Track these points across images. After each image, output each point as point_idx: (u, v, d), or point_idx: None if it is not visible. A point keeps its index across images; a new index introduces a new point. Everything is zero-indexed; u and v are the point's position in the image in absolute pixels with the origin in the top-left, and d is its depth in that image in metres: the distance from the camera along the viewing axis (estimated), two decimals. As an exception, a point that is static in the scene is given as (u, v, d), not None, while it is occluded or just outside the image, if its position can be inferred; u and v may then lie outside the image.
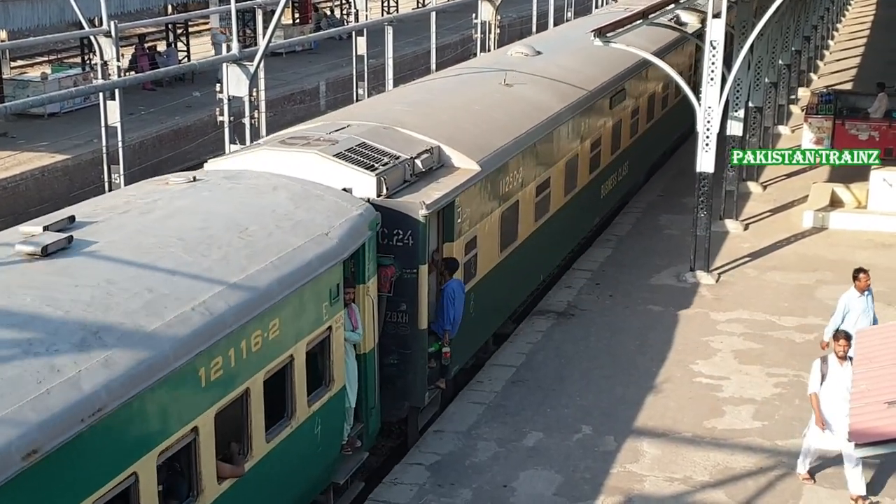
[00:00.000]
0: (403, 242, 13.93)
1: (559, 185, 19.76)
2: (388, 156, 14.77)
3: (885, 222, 23.88)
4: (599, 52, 23.00)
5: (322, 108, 37.81)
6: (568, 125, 20.02)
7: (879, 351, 10.97)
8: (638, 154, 26.05)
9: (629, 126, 24.73)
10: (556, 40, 25.82)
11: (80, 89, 26.54)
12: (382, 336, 13.87)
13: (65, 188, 27.84)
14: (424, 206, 13.87)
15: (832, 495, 13.42)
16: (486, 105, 18.58)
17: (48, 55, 43.82)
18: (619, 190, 24.67)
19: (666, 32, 26.75)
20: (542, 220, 18.95)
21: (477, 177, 15.75)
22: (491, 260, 16.66)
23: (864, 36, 54.26)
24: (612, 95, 22.97)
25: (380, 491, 13.49)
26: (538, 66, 21.76)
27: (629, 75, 24.33)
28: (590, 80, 22.11)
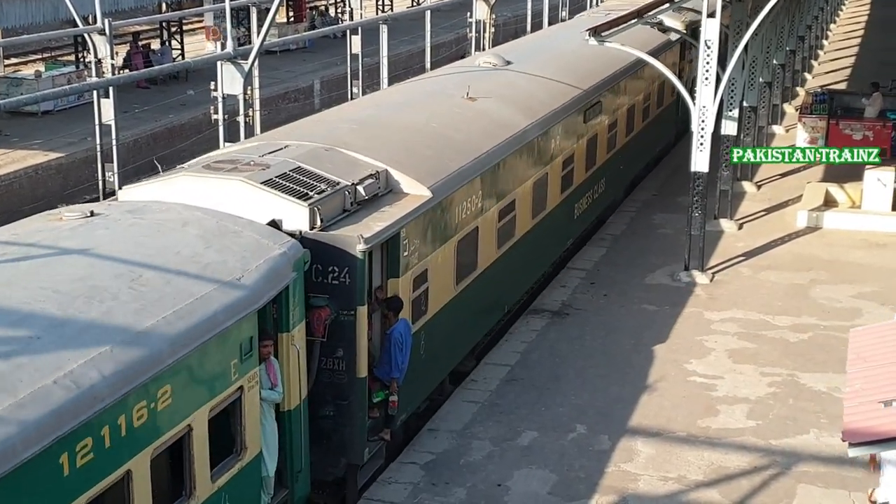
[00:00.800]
0: (339, 281, 12.44)
1: (526, 207, 18.28)
2: (325, 182, 13.28)
3: (879, 222, 23.91)
4: (574, 62, 22.41)
5: (316, 107, 37.79)
6: (536, 142, 18.54)
7: (873, 350, 10.99)
8: (616, 169, 24.56)
9: (606, 140, 23.20)
10: (529, 49, 24.21)
11: (74, 87, 26.52)
12: (316, 385, 12.55)
13: (59, 186, 27.82)
14: (362, 241, 12.39)
15: (825, 494, 13.44)
16: (445, 122, 17.00)
17: (42, 53, 43.76)
18: (595, 208, 23.11)
19: (647, 39, 25.60)
20: (506, 246, 17.48)
21: (428, 204, 14.20)
22: (445, 294, 15.13)
23: (858, 36, 54.34)
24: (587, 108, 21.43)
25: (374, 490, 13.48)
26: (506, 78, 20.31)
27: (606, 86, 22.90)
28: (562, 93, 20.59)
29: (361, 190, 13.62)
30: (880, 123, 30.21)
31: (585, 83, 21.75)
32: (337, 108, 18.73)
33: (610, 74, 23.33)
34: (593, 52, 22.86)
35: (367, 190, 13.70)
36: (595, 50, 22.85)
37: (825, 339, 18.16)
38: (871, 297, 20.14)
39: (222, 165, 13.36)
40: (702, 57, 20.40)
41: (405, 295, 13.64)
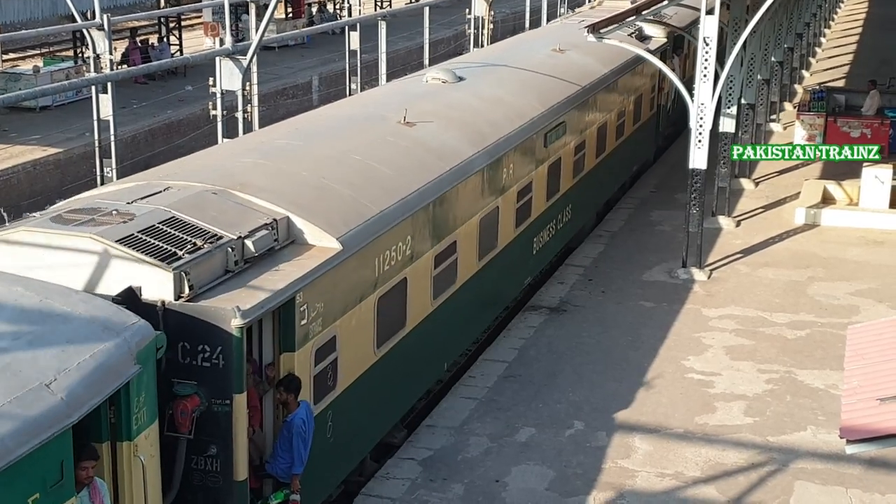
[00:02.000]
0: (211, 363, 10.13)
1: (470, 249, 16.05)
2: (203, 236, 10.92)
3: (876, 219, 23.94)
4: (536, 78, 20.68)
5: (315, 103, 37.78)
6: (484, 173, 16.31)
7: (871, 347, 11.00)
8: (585, 194, 22.30)
9: (572, 164, 20.96)
10: (487, 63, 21.61)
11: (72, 82, 26.51)
12: (186, 491, 10.34)
13: (56, 182, 27.81)
14: (239, 314, 10.05)
15: (823, 491, 13.46)
16: (372, 153, 14.58)
17: (40, 48, 43.70)
18: (560, 239, 20.92)
19: (626, 49, 23.74)
20: (446, 295, 15.22)
21: (337, 258, 11.91)
22: (361, 362, 12.80)
23: (856, 33, 54.36)
24: (549, 130, 19.22)
25: (372, 486, 13.50)
26: (455, 98, 17.95)
27: (572, 104, 20.65)
28: (519, 114, 18.46)
29: (251, 244, 11.24)
30: (878, 121, 30.26)
31: (548, 101, 19.64)
32: (248, 136, 16.30)
33: (578, 90, 21.17)
34: (560, 66, 21.85)
35: (258, 244, 11.32)
36: (562, 63, 21.98)
37: (823, 336, 18.19)
38: (868, 294, 20.16)
39: (77, 216, 10.90)
40: (700, 54, 20.41)
41: (303, 371, 11.33)
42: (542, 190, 19.30)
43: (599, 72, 22.75)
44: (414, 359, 14.37)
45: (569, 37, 24.27)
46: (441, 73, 19.24)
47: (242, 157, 13.63)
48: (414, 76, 20.48)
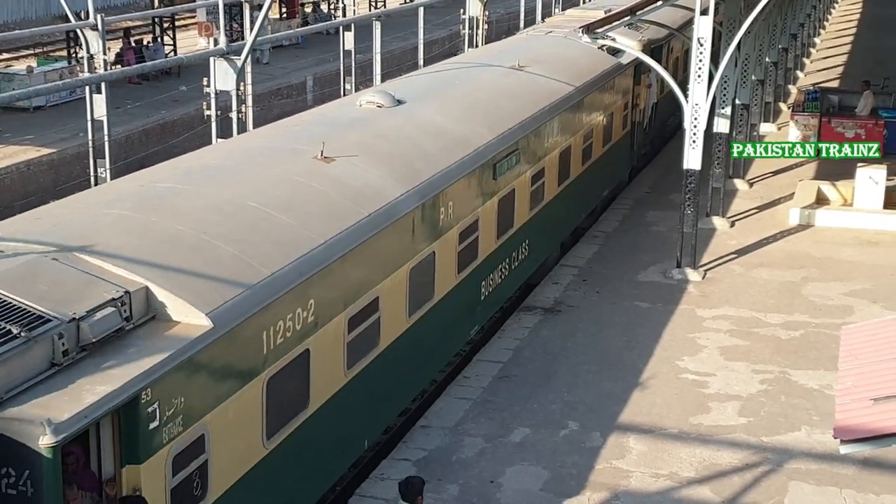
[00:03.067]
0: (18, 490, 8.13)
1: (396, 305, 13.64)
2: (23, 321, 8.68)
3: (870, 220, 23.96)
4: (489, 99, 18.57)
5: (309, 103, 37.76)
6: (414, 217, 13.97)
7: (865, 348, 11.00)
8: (546, 226, 20.14)
9: (529, 195, 18.79)
10: (433, 83, 19.30)
11: (66, 83, 26.49)
12: None
13: (50, 182, 27.78)
14: (50, 429, 7.93)
15: (817, 491, 13.47)
16: (273, 199, 12.19)
17: (34, 48, 43.63)
18: (515, 278, 18.79)
19: (596, 63, 23.27)
20: (364, 363, 12.80)
21: (205, 338, 9.63)
22: (244, 461, 10.54)
23: (850, 34, 54.44)
24: (499, 161, 16.98)
25: (366, 487, 13.48)
26: (389, 126, 15.71)
27: (530, 128, 18.53)
28: (463, 143, 16.26)
29: (88, 328, 8.93)
30: (872, 121, 30.30)
31: (500, 127, 17.52)
32: (130, 177, 13.23)
33: (536, 112, 19.02)
34: (518, 85, 19.94)
35: (98, 326, 9.01)
36: (520, 82, 20.14)
37: (817, 337, 18.20)
38: (862, 294, 20.19)
39: None
40: (695, 54, 20.42)
41: (155, 486, 9.11)
42: (492, 227, 17.03)
43: (563, 90, 20.65)
44: (322, 446, 12.06)
45: (532, 51, 22.68)
46: (377, 96, 16.90)
47: (109, 207, 11.15)
48: (347, 100, 18.31)
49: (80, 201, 11.88)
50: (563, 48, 23.54)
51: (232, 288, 10.29)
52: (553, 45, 23.75)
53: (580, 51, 23.33)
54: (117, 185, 13.05)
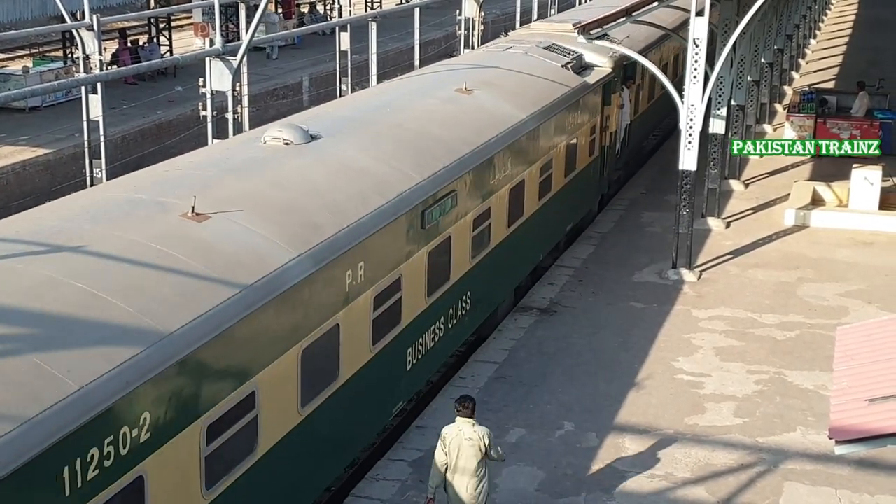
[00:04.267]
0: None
1: (281, 399, 11.04)
2: None
3: (865, 220, 23.99)
4: (422, 133, 15.96)
5: (305, 104, 37.76)
6: (305, 287, 11.33)
7: (860, 348, 11.02)
8: (493, 274, 17.55)
9: (469, 242, 16.22)
10: (361, 112, 16.58)
11: (62, 83, 26.46)
12: None
13: (46, 183, 27.77)
14: None
15: (812, 492, 13.49)
16: (105, 279, 9.59)
17: (30, 49, 43.61)
18: (452, 339, 16.26)
19: (559, 84, 20.99)
20: (232, 479, 10.19)
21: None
22: None
23: (845, 35, 54.51)
24: (429, 206, 14.44)
25: (362, 487, 13.48)
26: (293, 169, 13.20)
27: (469, 166, 15.92)
28: (382, 189, 13.73)
29: None
30: (867, 122, 30.35)
31: (432, 165, 15.09)
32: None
33: (481, 145, 16.63)
34: (462, 113, 17.45)
35: None
36: (465, 109, 17.67)
37: (812, 337, 18.23)
38: (857, 295, 20.22)
39: None
40: (690, 55, 20.44)
41: None
42: (419, 285, 14.50)
43: (515, 117, 18.30)
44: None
45: (486, 70, 20.36)
46: (286, 131, 14.23)
47: None
48: (253, 134, 15.19)
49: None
50: (522, 66, 21.13)
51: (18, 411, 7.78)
52: (510, 64, 21.17)
53: (541, 69, 21.38)
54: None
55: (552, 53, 22.74)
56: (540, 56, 22.33)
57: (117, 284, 9.56)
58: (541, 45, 23.18)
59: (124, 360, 8.72)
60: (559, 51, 23.05)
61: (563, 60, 22.45)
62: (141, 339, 9.02)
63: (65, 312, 8.96)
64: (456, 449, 11.56)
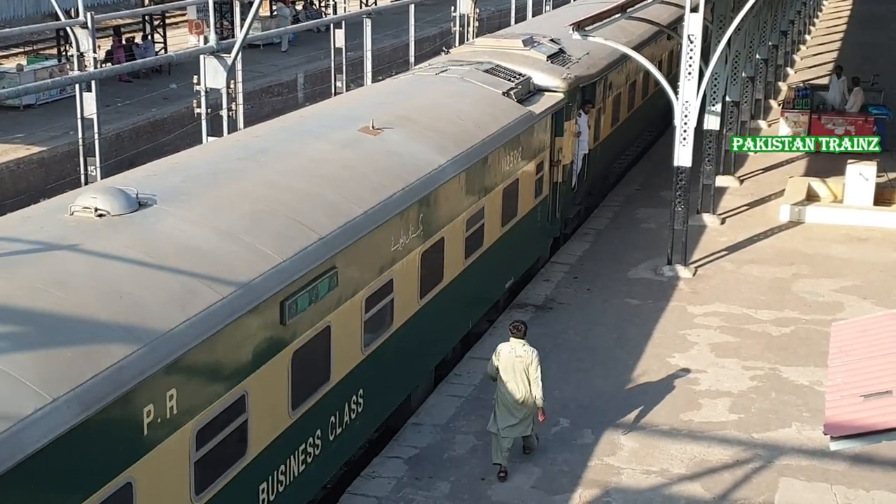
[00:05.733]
0: None
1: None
2: None
3: (860, 216, 24.02)
4: (298, 191, 12.55)
5: (300, 101, 37.73)
6: (79, 442, 8.21)
7: (855, 344, 11.04)
8: (398, 360, 14.19)
9: (360, 328, 12.84)
10: (221, 163, 13.02)
11: (56, 81, 26.45)
12: None
13: (41, 180, 27.73)
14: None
15: (807, 487, 13.51)
16: None
17: (24, 46, 43.52)
18: (339, 452, 12.87)
19: (495, 117, 17.88)
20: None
21: None
22: None
23: (840, 31, 54.55)
24: (292, 296, 11.04)
25: (357, 484, 13.48)
26: (90, 259, 9.74)
27: (361, 231, 12.63)
28: (226, 274, 10.43)
29: None
30: (862, 118, 30.37)
31: (303, 238, 11.64)
32: None
33: (378, 204, 13.27)
34: (362, 161, 14.09)
35: None
36: (368, 155, 14.30)
37: (807, 333, 18.25)
38: (852, 291, 20.24)
39: None
40: (685, 51, 20.44)
41: None
42: (277, 402, 11.11)
43: (432, 163, 15.04)
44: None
45: (405, 101, 17.21)
46: (103, 198, 10.62)
47: None
48: (58, 202, 11.28)
49: None
50: (452, 96, 17.97)
51: None
52: (438, 93, 18.04)
53: (475, 99, 18.09)
54: None
55: (493, 78, 19.38)
56: (477, 81, 18.89)
57: None
58: (481, 67, 19.78)
59: None
60: (502, 74, 19.79)
61: (504, 86, 19.09)
62: None
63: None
64: (507, 364, 13.50)
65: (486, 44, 22.55)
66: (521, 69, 20.45)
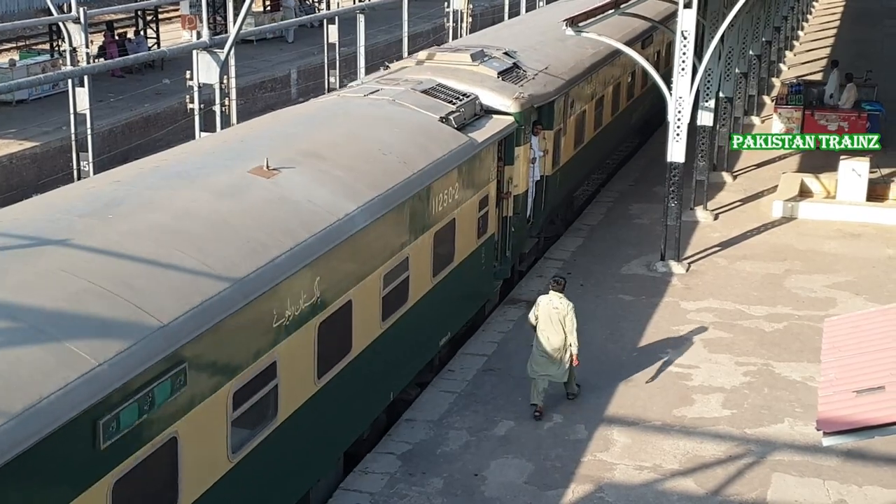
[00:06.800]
0: None
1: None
2: None
3: (853, 212, 24.04)
4: (136, 265, 9.77)
5: (293, 96, 37.69)
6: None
7: (848, 340, 11.05)
8: (280, 460, 11.37)
9: (225, 432, 10.19)
10: (49, 221, 10.30)
11: (48, 76, 26.36)
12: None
13: (33, 176, 27.67)
14: None
15: (800, 483, 13.53)
16: None
17: (17, 41, 43.42)
18: None
19: (427, 149, 15.30)
20: None
21: None
22: None
23: (833, 27, 54.58)
24: (113, 414, 8.55)
25: (351, 480, 13.48)
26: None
27: (227, 308, 10.02)
28: (45, 378, 8.12)
29: None
30: (855, 114, 30.41)
31: (133, 331, 9.01)
32: None
33: (260, 268, 10.67)
34: (245, 213, 11.44)
35: None
36: (249, 205, 11.58)
37: (800, 329, 18.27)
38: (845, 286, 20.27)
39: None
40: (678, 47, 20.44)
41: None
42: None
43: (338, 211, 12.34)
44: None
45: (313, 136, 14.29)
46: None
47: None
48: None
49: None
50: (377, 124, 15.38)
51: None
52: (361, 119, 15.44)
53: (405, 126, 15.56)
54: None
55: (431, 99, 16.92)
56: (411, 104, 16.40)
57: None
58: (420, 86, 17.35)
59: None
60: (443, 94, 17.32)
61: (443, 110, 16.60)
62: None
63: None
64: (545, 315, 15.05)
65: (430, 58, 19.81)
66: (466, 88, 18.13)
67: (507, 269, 19.34)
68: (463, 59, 19.50)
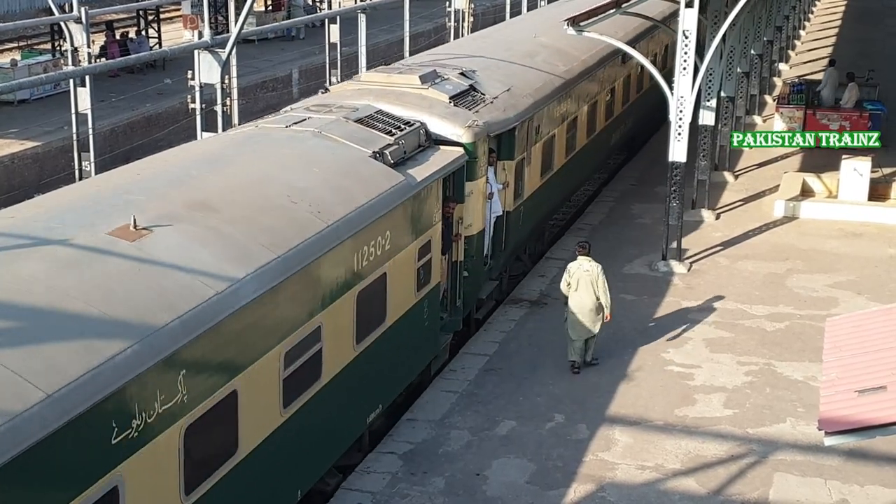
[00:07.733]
0: None
1: None
2: None
3: (855, 211, 24.03)
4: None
5: (295, 96, 37.69)
6: None
7: (849, 340, 11.04)
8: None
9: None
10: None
11: (50, 76, 26.39)
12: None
13: (35, 175, 27.69)
14: None
15: (801, 482, 13.52)
16: None
17: (18, 41, 43.45)
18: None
19: (354, 192, 13.03)
20: None
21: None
22: None
23: (835, 26, 54.56)
24: None
25: (352, 480, 13.48)
26: None
27: (107, 386, 8.25)
28: None
29: None
30: (857, 113, 30.40)
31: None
32: None
33: (106, 361, 8.36)
34: (98, 289, 9.09)
35: None
36: (108, 278, 9.25)
37: (802, 329, 18.26)
38: (847, 286, 20.26)
39: None
40: (680, 47, 20.43)
41: None
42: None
43: (220, 282, 10.04)
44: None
45: (206, 183, 11.82)
46: None
47: None
48: None
49: None
50: (293, 163, 13.10)
51: None
52: (274, 158, 13.13)
53: (327, 165, 13.27)
54: None
55: (366, 130, 14.73)
56: (339, 137, 14.15)
57: None
58: (354, 114, 15.18)
59: None
60: (381, 124, 15.18)
61: (378, 143, 14.36)
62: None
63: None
64: (577, 279, 16.15)
65: (374, 80, 17.58)
66: (412, 115, 15.98)
67: (459, 321, 17.04)
68: (411, 80, 17.26)
